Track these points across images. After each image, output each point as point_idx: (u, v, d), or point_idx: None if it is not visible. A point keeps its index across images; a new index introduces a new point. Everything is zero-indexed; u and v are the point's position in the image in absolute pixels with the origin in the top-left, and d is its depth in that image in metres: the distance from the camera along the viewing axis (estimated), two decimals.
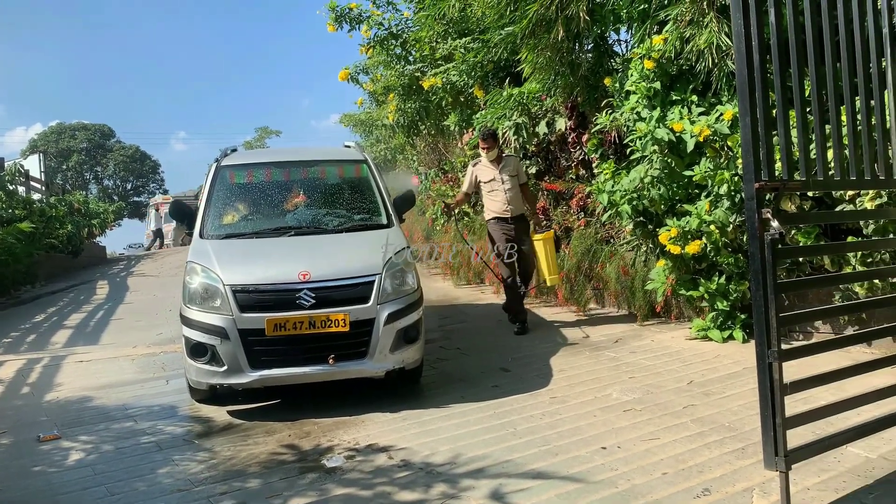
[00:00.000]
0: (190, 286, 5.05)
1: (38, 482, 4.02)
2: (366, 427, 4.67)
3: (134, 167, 68.17)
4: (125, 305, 11.13)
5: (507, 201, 7.12)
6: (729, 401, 4.72)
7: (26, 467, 4.28)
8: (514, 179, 7.20)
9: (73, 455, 4.44)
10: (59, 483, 3.99)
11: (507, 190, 7.12)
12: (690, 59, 6.23)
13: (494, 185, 7.18)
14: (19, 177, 16.66)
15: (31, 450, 4.58)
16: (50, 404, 5.65)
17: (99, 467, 4.20)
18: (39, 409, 5.55)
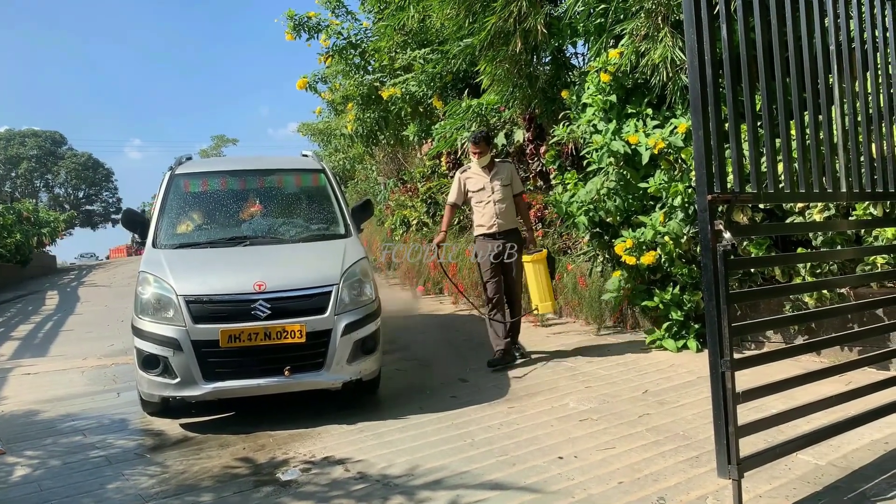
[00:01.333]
0: (142, 296, 4.94)
1: None
2: (322, 439, 4.61)
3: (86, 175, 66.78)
4: (76, 316, 10.87)
5: (495, 214, 6.25)
6: (683, 410, 4.78)
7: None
8: (507, 189, 6.32)
9: (18, 471, 4.30)
10: (3, 500, 3.86)
11: (496, 201, 6.25)
12: (646, 73, 6.34)
13: (483, 195, 6.30)
14: None
15: None
16: None
17: (45, 483, 4.07)
18: None
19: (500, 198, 6.28)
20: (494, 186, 6.27)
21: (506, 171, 6.39)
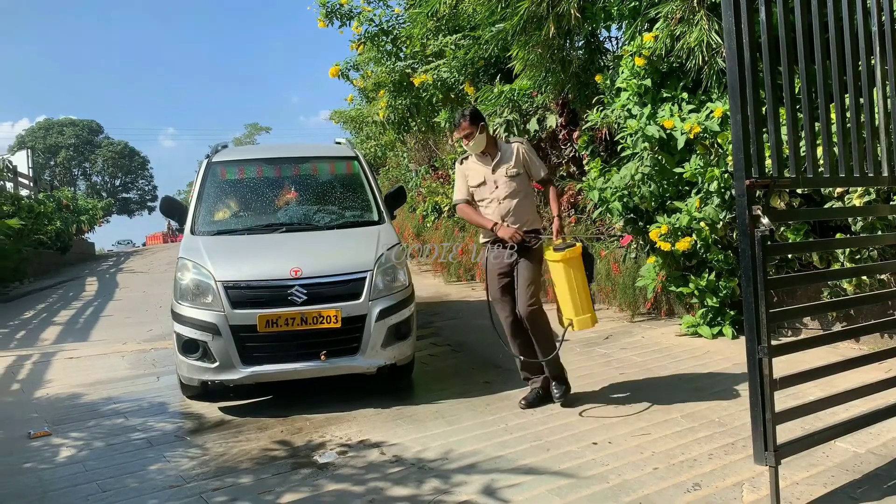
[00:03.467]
0: (181, 282, 5.04)
1: (29, 479, 4.01)
2: (357, 423, 4.67)
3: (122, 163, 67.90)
4: (115, 302, 11.10)
5: (501, 216, 4.77)
6: (719, 396, 4.76)
7: (16, 464, 4.26)
8: (520, 179, 4.80)
9: (64, 452, 4.43)
10: (50, 480, 3.98)
11: (501, 198, 4.76)
12: (681, 57, 6.26)
13: (485, 191, 4.83)
14: (7, 173, 16.59)
15: (22, 447, 4.56)
16: (40, 401, 5.63)
17: (90, 464, 4.19)
18: (29, 405, 5.53)
19: (506, 193, 4.76)
20: (498, 179, 4.78)
21: (514, 155, 4.81)
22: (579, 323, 4.69)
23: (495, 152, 4.86)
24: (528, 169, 4.86)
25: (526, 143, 4.95)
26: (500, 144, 4.89)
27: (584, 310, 4.67)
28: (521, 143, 4.91)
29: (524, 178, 4.86)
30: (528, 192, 4.88)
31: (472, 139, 4.79)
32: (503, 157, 4.83)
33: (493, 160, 4.84)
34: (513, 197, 4.79)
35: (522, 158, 4.84)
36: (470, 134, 4.79)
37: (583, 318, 4.68)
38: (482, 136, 4.82)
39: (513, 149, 4.86)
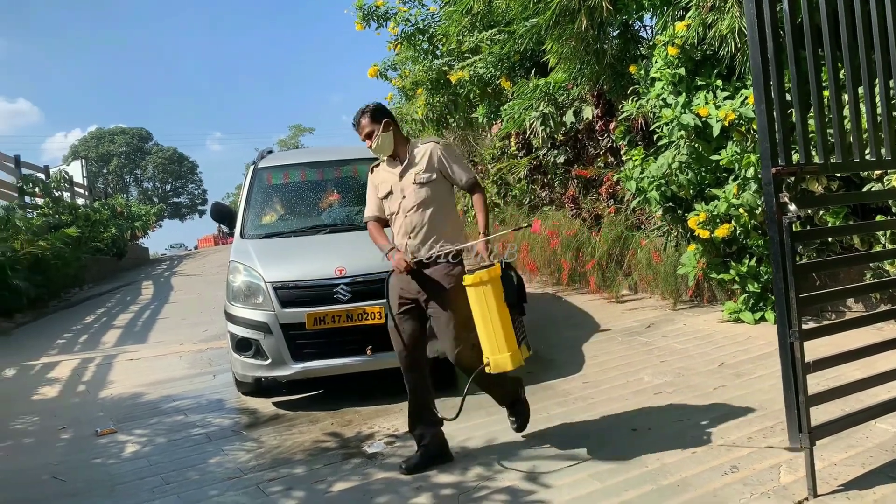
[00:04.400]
0: (233, 284, 5.28)
1: (98, 473, 4.28)
2: (404, 415, 4.78)
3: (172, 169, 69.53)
4: (170, 305, 11.51)
5: (405, 232, 3.94)
6: (759, 381, 4.80)
7: (86, 460, 4.54)
8: (433, 187, 3.92)
9: (129, 448, 4.71)
10: (118, 474, 4.25)
11: (407, 210, 3.92)
12: (714, 45, 6.26)
13: (393, 202, 4.01)
14: (64, 183, 17.26)
15: (90, 444, 4.85)
16: (105, 401, 5.94)
17: (154, 458, 4.45)
18: (95, 405, 5.84)
19: (413, 203, 3.90)
20: (405, 187, 3.95)
21: (427, 157, 3.96)
22: (496, 363, 3.68)
23: (405, 154, 4.02)
24: (445, 173, 3.98)
25: (443, 143, 4.07)
26: (412, 146, 4.05)
27: (503, 346, 3.66)
28: (435, 143, 4.04)
29: (441, 186, 3.96)
30: (446, 203, 3.97)
31: (374, 139, 3.97)
32: (412, 161, 3.99)
33: (401, 165, 4.01)
34: (423, 208, 3.90)
35: (437, 161, 3.96)
36: (371, 133, 3.97)
37: (501, 358, 3.66)
38: (387, 136, 3.97)
39: (425, 150, 3.99)
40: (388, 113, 4.06)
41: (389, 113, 4.07)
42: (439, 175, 3.97)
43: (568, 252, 8.77)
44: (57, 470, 4.37)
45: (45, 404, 5.98)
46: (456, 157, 4.06)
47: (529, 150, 10.26)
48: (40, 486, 4.12)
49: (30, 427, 5.36)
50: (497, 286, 3.69)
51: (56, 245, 12.18)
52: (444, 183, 4.01)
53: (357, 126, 4.05)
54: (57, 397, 6.22)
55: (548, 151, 9.78)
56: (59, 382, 6.71)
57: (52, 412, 5.70)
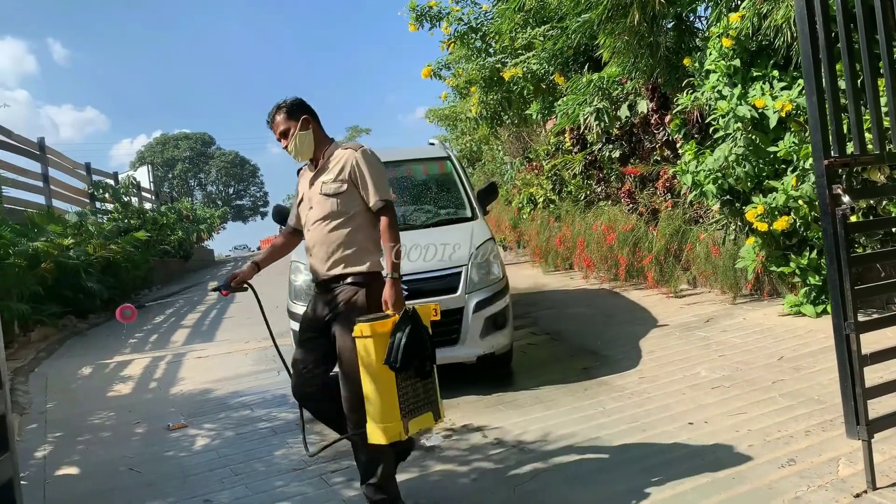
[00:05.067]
0: (294, 283, 5.47)
1: (171, 466, 4.50)
2: (461, 409, 4.95)
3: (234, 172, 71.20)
4: (235, 304, 11.85)
5: (307, 249, 3.58)
6: (819, 374, 4.73)
7: (159, 453, 4.78)
8: (342, 200, 3.39)
9: (199, 441, 4.92)
10: (189, 465, 4.45)
11: (312, 223, 3.48)
12: (769, 35, 6.17)
13: (302, 212, 3.61)
14: (132, 188, 17.95)
15: (163, 437, 5.09)
16: (175, 397, 6.21)
17: (222, 451, 4.65)
18: (167, 401, 6.11)
19: (318, 216, 3.44)
20: (313, 196, 3.48)
21: (340, 164, 3.42)
22: (370, 432, 3.15)
23: (322, 159, 3.52)
24: (363, 186, 3.38)
25: (363, 150, 3.46)
26: (331, 149, 3.52)
27: (382, 415, 3.11)
28: (355, 150, 3.44)
29: (352, 199, 3.40)
30: (356, 219, 3.40)
31: (289, 140, 3.47)
32: (324, 167, 3.48)
33: (315, 170, 3.53)
34: (327, 222, 3.40)
35: (350, 170, 3.39)
36: (287, 132, 3.47)
37: (373, 428, 3.13)
38: (306, 135, 3.46)
39: (340, 156, 3.44)
40: (307, 109, 3.51)
41: (310, 110, 3.53)
42: (351, 186, 3.39)
43: (625, 247, 8.73)
44: (133, 462, 4.61)
45: (120, 400, 6.28)
46: (374, 169, 3.41)
47: (584, 145, 10.24)
48: (119, 477, 4.36)
49: (106, 422, 5.65)
50: (381, 343, 3.11)
51: (126, 248, 12.69)
52: (355, 196, 3.40)
53: (271, 123, 3.52)
54: (130, 394, 6.52)
55: (603, 146, 9.75)
56: (133, 380, 7.03)
57: (126, 408, 5.98)
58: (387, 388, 3.12)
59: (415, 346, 3.14)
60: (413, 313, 3.22)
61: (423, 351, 3.20)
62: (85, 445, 5.08)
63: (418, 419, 3.26)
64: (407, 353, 3.10)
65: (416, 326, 3.18)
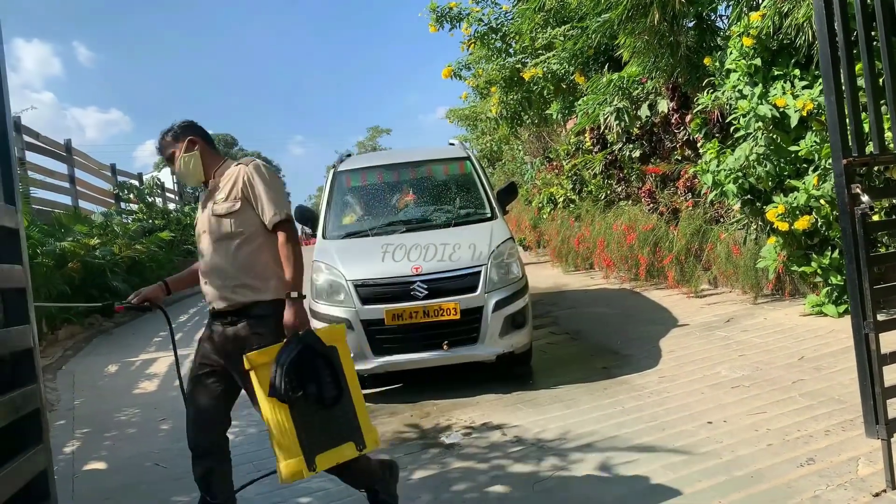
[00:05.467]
0: (316, 283, 5.55)
1: None
2: (480, 407, 4.99)
3: None
4: None
5: (203, 274, 3.20)
6: (840, 374, 4.72)
7: (185, 449, 4.79)
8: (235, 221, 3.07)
9: None
10: None
11: (205, 249, 3.15)
12: (790, 34, 6.15)
13: (198, 238, 3.24)
14: (156, 189, 18.19)
15: None
16: None
17: (245, 447, 4.72)
18: None
19: (210, 241, 3.13)
20: (206, 219, 3.16)
21: (231, 182, 3.13)
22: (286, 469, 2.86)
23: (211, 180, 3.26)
24: (259, 204, 3.08)
25: (255, 164, 3.17)
26: (222, 168, 3.26)
27: (281, 452, 2.87)
28: (246, 165, 3.15)
29: (247, 218, 3.09)
30: (254, 239, 3.08)
31: (175, 162, 3.25)
32: (216, 187, 3.20)
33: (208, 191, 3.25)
34: (220, 246, 3.09)
35: (242, 186, 3.09)
36: (172, 156, 3.26)
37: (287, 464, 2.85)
38: (192, 157, 3.22)
39: (231, 174, 3.16)
40: (194, 130, 3.29)
41: (198, 130, 3.31)
42: (245, 203, 3.08)
43: (645, 247, 8.73)
44: (159, 458, 4.71)
45: (146, 398, 6.40)
46: (268, 182, 3.11)
47: (605, 144, 10.24)
48: (146, 472, 4.46)
49: (132, 419, 5.76)
50: (267, 373, 2.83)
51: (151, 248, 12.88)
52: (251, 215, 3.09)
53: (160, 149, 3.33)
54: (156, 391, 6.63)
55: (623, 146, 9.74)
56: (158, 377, 7.14)
57: (151, 405, 6.09)
58: (282, 422, 2.83)
59: (306, 371, 2.84)
60: (305, 336, 2.90)
61: (318, 376, 2.88)
62: (112, 441, 5.19)
63: (330, 453, 2.92)
64: (293, 381, 2.80)
65: (307, 350, 2.87)
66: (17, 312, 1.96)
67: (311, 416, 2.88)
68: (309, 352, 2.88)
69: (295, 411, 2.84)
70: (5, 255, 1.90)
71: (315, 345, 2.92)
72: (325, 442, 2.92)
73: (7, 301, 1.93)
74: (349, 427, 2.99)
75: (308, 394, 2.86)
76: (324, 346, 2.96)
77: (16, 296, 1.95)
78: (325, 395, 2.91)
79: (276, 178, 3.21)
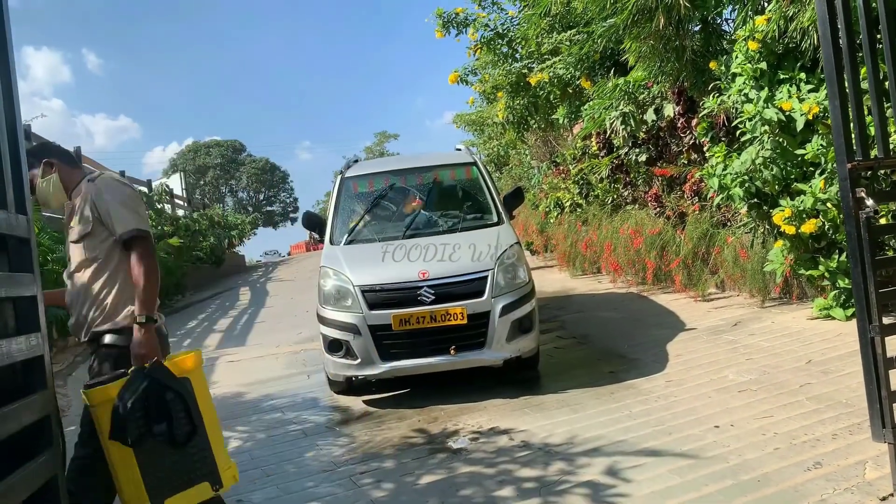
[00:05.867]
0: (324, 289, 5.58)
1: None
2: (487, 412, 5.01)
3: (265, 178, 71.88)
4: (266, 309, 12.05)
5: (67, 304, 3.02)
6: (848, 378, 4.71)
7: None
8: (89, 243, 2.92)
9: (233, 443, 5.04)
10: None
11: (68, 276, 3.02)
12: (796, 38, 6.15)
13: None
14: (165, 195, 18.28)
15: None
16: None
17: (255, 452, 4.76)
18: None
19: (73, 266, 2.98)
20: (68, 246, 3.04)
21: (83, 201, 2.94)
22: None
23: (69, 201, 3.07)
24: (109, 219, 2.88)
25: (102, 179, 2.99)
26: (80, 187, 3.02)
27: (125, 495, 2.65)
28: (94, 181, 2.97)
29: (101, 239, 2.91)
30: (111, 261, 2.90)
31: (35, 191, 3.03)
32: (73, 209, 3.01)
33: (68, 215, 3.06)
34: (80, 272, 2.94)
35: (91, 205, 2.90)
36: (31, 183, 2.95)
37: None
38: (48, 182, 3.02)
39: (84, 192, 2.96)
40: (49, 151, 3.11)
41: (53, 150, 3.14)
42: (97, 224, 2.89)
43: (652, 251, 8.72)
44: None
45: None
46: (117, 196, 2.91)
47: (611, 149, 10.25)
48: None
49: None
50: (106, 412, 2.59)
51: (160, 255, 12.95)
52: (107, 236, 2.90)
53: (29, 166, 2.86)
54: None
55: (629, 150, 9.75)
56: None
57: None
58: (125, 463, 2.60)
59: (154, 408, 2.60)
60: (153, 368, 2.66)
61: (168, 413, 2.62)
62: None
63: (183, 495, 2.69)
64: (138, 421, 2.56)
65: (154, 384, 2.62)
66: (29, 320, 1.99)
67: (160, 457, 2.64)
68: (156, 386, 2.62)
69: (141, 454, 2.59)
70: (17, 264, 1.94)
71: (164, 378, 2.66)
72: (176, 484, 2.69)
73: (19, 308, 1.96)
74: (204, 465, 2.76)
75: (157, 433, 2.60)
76: (174, 378, 2.70)
77: (27, 303, 1.98)
78: (177, 432, 2.64)
79: (126, 190, 3.01)
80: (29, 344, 1.91)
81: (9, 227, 1.83)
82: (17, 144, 1.99)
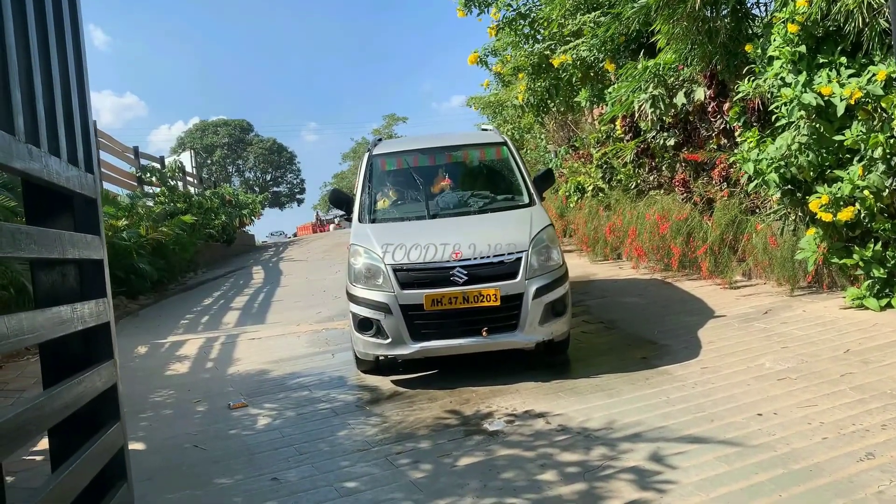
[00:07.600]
0: (355, 267, 5.50)
1: (235, 443, 4.56)
2: (520, 395, 4.93)
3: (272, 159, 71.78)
4: (282, 288, 11.99)
5: None
6: (890, 369, 4.62)
7: (223, 431, 4.85)
8: None
9: (261, 420, 4.98)
10: (253, 444, 4.51)
11: None
12: (838, 20, 6.00)
13: None
14: (178, 172, 18.21)
15: (224, 416, 5.16)
16: (233, 376, 6.29)
17: (286, 430, 4.70)
18: (224, 380, 6.20)
19: None
20: None
21: None
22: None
23: None
24: None
25: None
26: None
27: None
28: None
29: None
30: None
31: None
32: None
33: None
34: None
35: None
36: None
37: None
38: None
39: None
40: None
41: None
42: None
43: (678, 237, 8.61)
44: (197, 439, 4.69)
45: (178, 379, 6.39)
46: None
47: (636, 133, 10.10)
48: (185, 454, 4.43)
49: (167, 400, 5.75)
50: None
51: (175, 231, 12.89)
52: None
53: None
54: (188, 373, 6.62)
55: (657, 134, 9.60)
56: (189, 359, 7.14)
57: (185, 387, 6.08)
58: None
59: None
60: None
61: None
62: (149, 422, 5.18)
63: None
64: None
65: None
66: (95, 285, 1.90)
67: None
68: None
69: None
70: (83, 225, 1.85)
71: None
72: None
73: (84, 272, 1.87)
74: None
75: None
76: None
77: (93, 267, 1.90)
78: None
79: None
80: (98, 310, 1.82)
81: (80, 185, 1.74)
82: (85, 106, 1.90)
